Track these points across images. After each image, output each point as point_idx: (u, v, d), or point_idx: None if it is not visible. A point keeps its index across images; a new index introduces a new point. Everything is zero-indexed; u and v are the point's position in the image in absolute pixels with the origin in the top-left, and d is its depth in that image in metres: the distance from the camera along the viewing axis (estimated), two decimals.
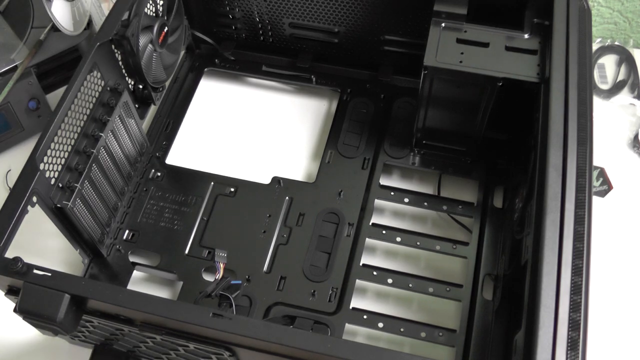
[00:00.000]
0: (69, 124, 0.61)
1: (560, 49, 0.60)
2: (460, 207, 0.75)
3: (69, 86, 0.61)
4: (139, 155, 0.76)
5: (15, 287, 0.52)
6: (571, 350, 0.45)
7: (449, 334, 0.66)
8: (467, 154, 0.77)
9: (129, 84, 0.72)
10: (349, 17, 0.79)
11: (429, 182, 0.79)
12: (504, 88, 0.64)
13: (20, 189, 0.56)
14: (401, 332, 0.66)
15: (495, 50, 0.65)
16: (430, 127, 0.74)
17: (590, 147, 0.54)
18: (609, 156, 0.81)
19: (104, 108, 0.67)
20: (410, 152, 0.78)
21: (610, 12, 0.94)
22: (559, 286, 0.47)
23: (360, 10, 0.78)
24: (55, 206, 0.60)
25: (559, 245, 0.49)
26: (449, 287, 0.69)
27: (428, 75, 0.66)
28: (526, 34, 0.66)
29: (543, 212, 0.50)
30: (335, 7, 0.78)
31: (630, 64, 0.90)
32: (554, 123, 0.55)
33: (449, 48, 0.66)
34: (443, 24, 0.67)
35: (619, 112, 0.86)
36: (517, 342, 0.51)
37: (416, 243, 0.72)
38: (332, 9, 0.79)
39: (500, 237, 0.71)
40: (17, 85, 0.78)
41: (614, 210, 0.78)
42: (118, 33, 0.66)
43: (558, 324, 0.45)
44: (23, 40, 0.82)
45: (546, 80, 0.59)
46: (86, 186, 0.64)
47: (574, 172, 0.52)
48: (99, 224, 0.68)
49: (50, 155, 0.59)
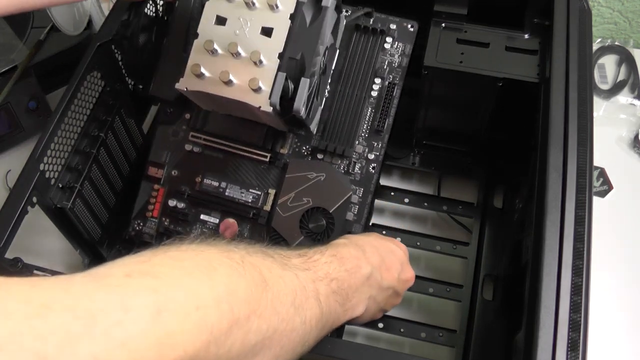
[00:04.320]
0: (69, 124, 0.61)
1: (561, 49, 0.60)
2: (461, 208, 0.75)
3: (69, 86, 0.61)
4: (139, 155, 0.76)
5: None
6: (571, 351, 0.44)
7: (449, 334, 0.66)
8: (467, 154, 0.77)
9: (129, 84, 0.72)
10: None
11: (429, 182, 0.79)
12: (504, 88, 0.64)
13: (20, 189, 0.56)
14: (401, 333, 0.66)
15: (495, 50, 0.65)
16: (430, 127, 0.74)
17: (591, 147, 0.54)
18: (609, 156, 0.81)
19: (104, 108, 0.67)
20: (410, 152, 0.78)
21: (611, 12, 0.94)
22: (559, 287, 0.47)
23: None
24: (55, 206, 0.60)
25: (559, 246, 0.49)
26: (449, 288, 0.69)
27: (428, 76, 0.66)
28: (526, 34, 0.66)
29: (543, 212, 0.50)
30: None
31: (630, 64, 0.90)
32: (554, 123, 0.55)
33: (449, 48, 0.65)
34: (443, 24, 0.67)
35: (619, 112, 0.86)
36: (517, 342, 0.51)
37: (416, 243, 0.72)
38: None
39: (501, 237, 0.71)
40: (17, 85, 0.78)
41: (614, 210, 0.78)
42: (118, 33, 0.66)
43: (558, 324, 0.45)
44: (23, 40, 0.82)
45: (546, 80, 0.59)
46: (86, 186, 0.64)
47: (574, 173, 0.52)
48: (99, 224, 0.68)
49: (50, 155, 0.59)
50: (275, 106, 0.54)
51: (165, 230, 0.67)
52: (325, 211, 0.63)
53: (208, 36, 0.55)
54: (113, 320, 0.28)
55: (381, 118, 0.66)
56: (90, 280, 0.31)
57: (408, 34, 0.68)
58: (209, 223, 0.66)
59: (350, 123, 0.66)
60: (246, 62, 0.54)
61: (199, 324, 0.32)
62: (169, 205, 0.67)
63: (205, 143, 0.67)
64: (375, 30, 0.67)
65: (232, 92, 0.55)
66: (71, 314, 0.27)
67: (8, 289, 0.27)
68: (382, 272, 0.52)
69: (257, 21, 0.55)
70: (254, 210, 0.65)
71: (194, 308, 0.32)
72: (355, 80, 0.67)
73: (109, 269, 0.32)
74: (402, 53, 0.68)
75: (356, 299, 0.49)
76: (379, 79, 0.67)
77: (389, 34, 0.68)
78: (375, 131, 0.66)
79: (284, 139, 0.66)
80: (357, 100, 0.66)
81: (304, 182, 0.64)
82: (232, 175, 0.67)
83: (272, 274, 0.39)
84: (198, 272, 0.35)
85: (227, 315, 0.34)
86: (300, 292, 0.41)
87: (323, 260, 0.46)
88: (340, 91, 0.66)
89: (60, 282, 0.30)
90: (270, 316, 0.37)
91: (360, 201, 0.65)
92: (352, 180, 0.65)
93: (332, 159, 0.66)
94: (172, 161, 0.68)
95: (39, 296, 0.28)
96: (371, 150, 0.66)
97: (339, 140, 0.65)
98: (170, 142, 0.68)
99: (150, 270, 0.33)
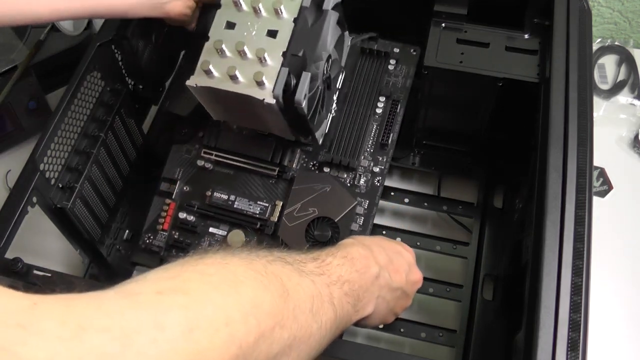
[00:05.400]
0: (69, 124, 0.61)
1: (561, 49, 0.60)
2: (461, 208, 0.75)
3: (69, 86, 0.61)
4: (139, 155, 0.76)
5: (16, 287, 0.52)
6: (571, 351, 0.45)
7: (449, 334, 0.66)
8: (467, 154, 0.77)
9: (129, 84, 0.72)
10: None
11: (429, 182, 0.79)
12: (504, 88, 0.64)
13: (20, 189, 0.56)
14: (401, 333, 0.66)
15: (495, 50, 0.65)
16: (430, 127, 0.74)
17: (591, 147, 0.54)
18: (609, 156, 0.81)
19: (104, 108, 0.67)
20: (410, 152, 0.78)
21: (610, 12, 0.94)
22: (559, 287, 0.47)
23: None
24: (55, 206, 0.60)
25: (559, 246, 0.49)
26: (449, 288, 0.69)
27: (428, 76, 0.66)
28: (526, 34, 0.66)
29: (543, 212, 0.50)
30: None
31: (630, 64, 0.90)
32: (554, 123, 0.55)
33: (449, 48, 0.65)
34: (443, 24, 0.67)
35: (619, 112, 0.86)
36: (517, 342, 0.51)
37: (416, 243, 0.72)
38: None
39: (501, 237, 0.71)
40: (17, 85, 0.78)
41: (614, 210, 0.78)
42: (118, 33, 0.66)
43: (558, 324, 0.45)
44: (23, 40, 0.82)
45: (546, 80, 0.59)
46: (86, 186, 0.64)
47: (574, 173, 0.52)
48: (99, 224, 0.68)
49: (50, 155, 0.59)
50: (278, 98, 0.56)
51: (174, 242, 0.68)
52: (331, 220, 0.64)
53: (218, 38, 0.58)
54: (147, 339, 0.29)
55: (385, 133, 0.68)
56: (122, 297, 0.31)
57: (411, 57, 0.71)
58: (217, 235, 0.67)
59: (355, 138, 0.68)
60: (252, 62, 0.57)
61: (227, 340, 0.33)
62: (179, 217, 0.68)
63: (216, 159, 0.69)
64: (380, 52, 0.71)
65: (237, 87, 0.57)
66: (107, 335, 0.28)
67: (43, 310, 0.28)
68: (390, 273, 0.52)
69: (263, 25, 0.59)
70: (261, 221, 0.67)
71: (224, 324, 0.33)
72: (361, 100, 0.70)
73: (140, 286, 0.33)
74: (406, 75, 0.71)
75: (366, 299, 0.49)
76: (384, 97, 0.70)
77: (392, 57, 0.71)
78: (380, 145, 0.68)
79: (292, 153, 0.68)
80: (363, 118, 0.69)
81: (310, 193, 0.65)
82: (241, 188, 0.68)
83: (291, 282, 0.40)
84: (225, 286, 0.36)
85: (254, 330, 0.35)
86: (317, 298, 0.42)
87: (335, 263, 0.47)
88: (346, 110, 0.69)
89: (94, 301, 0.30)
90: (291, 325, 0.38)
91: (366, 212, 0.66)
92: (358, 192, 0.67)
93: (338, 172, 0.67)
94: (185, 177, 0.70)
95: (74, 316, 0.28)
96: (376, 164, 0.68)
97: (345, 154, 0.67)
98: (183, 160, 0.70)
99: (181, 286, 0.34)
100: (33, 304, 0.28)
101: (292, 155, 0.68)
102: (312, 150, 0.68)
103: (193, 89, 0.59)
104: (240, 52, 0.57)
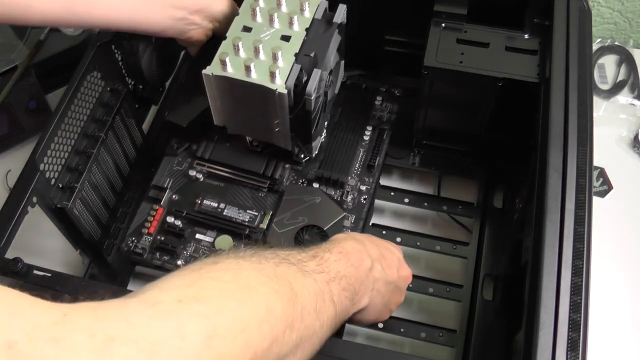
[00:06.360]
0: (69, 124, 0.61)
1: (560, 49, 0.60)
2: (461, 208, 0.75)
3: (69, 86, 0.61)
4: (139, 155, 0.76)
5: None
6: (571, 351, 0.45)
7: (449, 334, 0.66)
8: (467, 154, 0.76)
9: (129, 84, 0.72)
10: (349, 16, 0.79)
11: (429, 182, 0.79)
12: (504, 88, 0.64)
13: (20, 189, 0.56)
14: (401, 333, 0.66)
15: (495, 50, 0.65)
16: (430, 127, 0.74)
17: (590, 147, 0.54)
18: (609, 156, 0.81)
19: (104, 108, 0.67)
20: (410, 152, 0.78)
21: (610, 12, 0.94)
22: (559, 286, 0.47)
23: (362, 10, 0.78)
24: (55, 206, 0.60)
25: (559, 246, 0.49)
26: (449, 288, 0.69)
27: (428, 76, 0.66)
28: (526, 34, 0.66)
29: (543, 212, 0.50)
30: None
31: (630, 64, 0.90)
32: (554, 123, 0.55)
33: (449, 48, 0.66)
34: (443, 24, 0.67)
35: (619, 112, 0.86)
36: (517, 342, 0.51)
37: (416, 243, 0.72)
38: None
39: (501, 237, 0.71)
40: (17, 85, 0.78)
41: (614, 210, 0.78)
42: (118, 33, 0.66)
43: (558, 324, 0.45)
44: (23, 40, 0.82)
45: (546, 80, 0.59)
46: (86, 186, 0.64)
47: (574, 173, 0.52)
48: (99, 224, 0.68)
49: (50, 155, 0.59)
50: (290, 90, 0.59)
51: (158, 246, 0.68)
52: (320, 229, 0.66)
53: (236, 36, 0.61)
54: (172, 349, 0.31)
55: (373, 156, 0.73)
56: (145, 307, 0.32)
57: (394, 98, 0.79)
58: (204, 242, 0.68)
59: (344, 161, 0.72)
60: (266, 59, 0.61)
61: (244, 347, 0.34)
62: (167, 221, 0.68)
63: (208, 170, 0.71)
64: (368, 88, 0.79)
65: (252, 79, 0.60)
66: (134, 346, 0.29)
67: (73, 321, 0.29)
68: (383, 266, 0.54)
69: (277, 32, 0.63)
70: (250, 228, 0.67)
71: (240, 331, 0.35)
72: (349, 127, 0.75)
73: (159, 294, 0.35)
74: (391, 111, 0.78)
75: (362, 292, 0.51)
76: (371, 127, 0.76)
77: (379, 94, 0.79)
78: (367, 167, 0.72)
79: (283, 169, 0.71)
80: (351, 143, 0.74)
81: (300, 204, 0.68)
82: (231, 199, 0.69)
83: (298, 284, 0.42)
84: (240, 293, 0.37)
85: (268, 335, 0.36)
86: (319, 296, 0.43)
87: (332, 259, 0.48)
88: (336, 136, 0.74)
89: (119, 311, 0.32)
90: (299, 326, 0.40)
91: (352, 226, 0.68)
92: (345, 208, 0.69)
93: (327, 189, 0.70)
94: (175, 187, 0.71)
95: (102, 328, 0.29)
96: (363, 183, 0.72)
97: (334, 172, 0.71)
98: (173, 171, 0.72)
99: (199, 294, 0.35)
100: (63, 315, 0.29)
101: (283, 171, 0.71)
102: (302, 169, 0.71)
103: (208, 79, 0.60)
104: (255, 49, 0.60)
